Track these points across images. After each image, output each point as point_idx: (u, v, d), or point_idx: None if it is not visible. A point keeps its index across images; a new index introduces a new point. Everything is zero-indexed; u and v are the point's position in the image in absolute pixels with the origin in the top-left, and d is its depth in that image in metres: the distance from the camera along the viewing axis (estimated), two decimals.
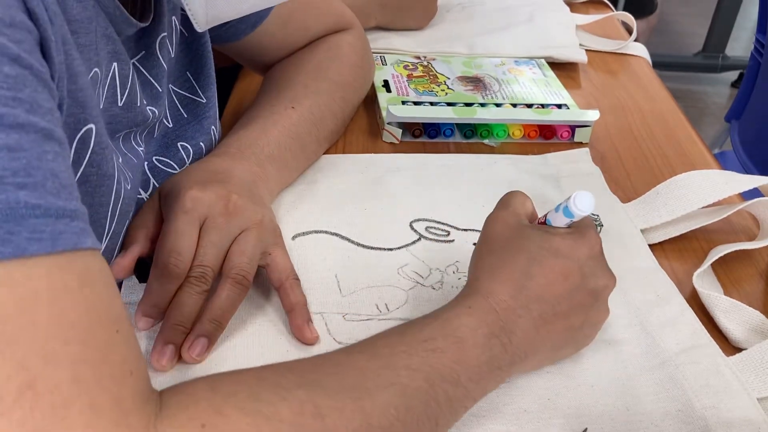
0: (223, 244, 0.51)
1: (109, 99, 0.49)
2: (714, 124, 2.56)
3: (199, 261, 0.50)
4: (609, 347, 0.51)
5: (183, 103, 0.62)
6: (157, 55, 0.56)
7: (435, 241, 0.61)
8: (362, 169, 0.70)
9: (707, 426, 0.45)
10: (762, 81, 1.37)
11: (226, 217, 0.52)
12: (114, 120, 0.50)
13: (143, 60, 0.55)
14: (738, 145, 1.41)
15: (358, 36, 0.79)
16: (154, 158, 0.59)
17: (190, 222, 0.51)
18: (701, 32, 2.96)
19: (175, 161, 0.60)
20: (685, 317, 0.54)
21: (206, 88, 0.63)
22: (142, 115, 0.53)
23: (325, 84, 0.71)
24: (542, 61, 0.92)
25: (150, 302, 0.49)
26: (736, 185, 0.63)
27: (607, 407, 0.47)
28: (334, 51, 0.75)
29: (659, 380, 0.48)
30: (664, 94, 0.92)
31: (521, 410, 0.46)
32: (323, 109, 0.69)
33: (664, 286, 0.57)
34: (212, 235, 0.51)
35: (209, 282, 0.50)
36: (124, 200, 0.50)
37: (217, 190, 0.53)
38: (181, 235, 0.50)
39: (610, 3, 1.19)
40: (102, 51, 0.46)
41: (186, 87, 0.62)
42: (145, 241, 0.52)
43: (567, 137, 0.78)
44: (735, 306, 0.54)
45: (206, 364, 0.49)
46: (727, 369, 0.49)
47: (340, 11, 0.79)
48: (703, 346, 0.51)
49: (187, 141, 0.62)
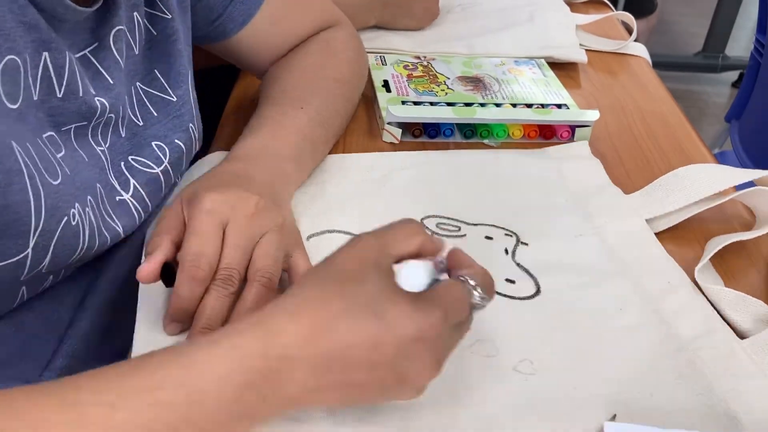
0: (248, 246, 0.51)
1: (44, 90, 0.48)
2: (714, 124, 2.56)
3: (225, 264, 0.49)
4: (626, 334, 0.52)
5: (152, 101, 0.61)
6: (110, 47, 0.54)
7: (447, 237, 0.61)
8: (368, 169, 0.70)
9: (729, 409, 0.46)
10: (762, 81, 1.37)
11: (249, 219, 0.51)
12: (55, 112, 0.49)
13: (95, 51, 0.54)
14: (738, 145, 1.41)
15: (348, 31, 0.80)
16: (130, 158, 0.58)
17: (213, 224, 0.50)
18: (701, 32, 2.97)
19: (151, 160, 0.60)
20: (697, 303, 0.55)
21: (177, 86, 0.63)
22: (87, 106, 0.51)
23: (326, 83, 0.71)
24: (542, 61, 0.93)
25: (178, 306, 0.49)
26: (734, 177, 0.64)
27: (632, 393, 0.47)
28: (329, 49, 0.75)
29: (678, 365, 0.49)
30: (664, 94, 0.92)
31: (550, 400, 0.46)
32: (330, 108, 0.70)
33: (674, 274, 0.57)
34: (236, 237, 0.50)
35: (236, 284, 0.49)
36: (51, 195, 0.47)
37: (238, 193, 0.52)
38: (205, 237, 0.50)
39: (610, 3, 1.19)
40: (19, 39, 0.45)
41: (154, 85, 0.62)
42: (170, 245, 0.51)
43: (567, 137, 0.78)
44: (739, 298, 0.54)
45: None
46: (742, 352, 0.50)
47: (327, 7, 0.79)
48: (717, 330, 0.52)
49: (161, 140, 0.61)
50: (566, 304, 0.55)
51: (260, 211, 0.52)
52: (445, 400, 0.46)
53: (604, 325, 0.53)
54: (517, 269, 0.58)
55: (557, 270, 0.58)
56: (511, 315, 0.53)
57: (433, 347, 0.40)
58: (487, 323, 0.52)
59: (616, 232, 0.62)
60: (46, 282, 0.53)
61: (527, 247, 0.60)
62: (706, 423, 0.45)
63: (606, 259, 0.59)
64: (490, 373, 0.48)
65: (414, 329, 0.39)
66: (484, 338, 0.51)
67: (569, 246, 0.61)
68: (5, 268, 0.46)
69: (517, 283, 0.56)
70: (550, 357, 0.50)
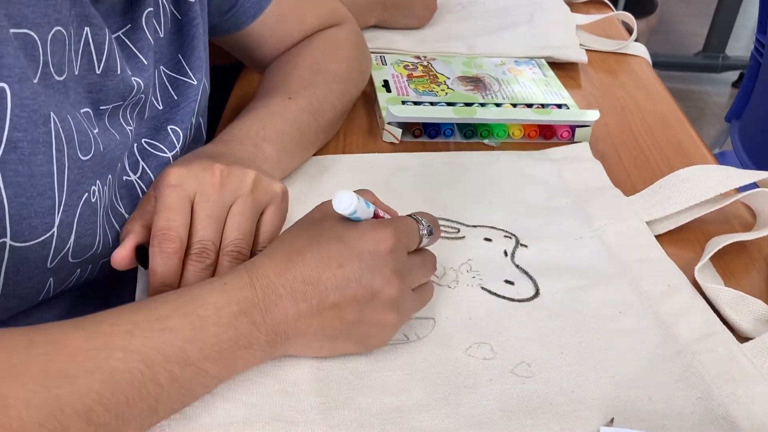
0: (220, 214, 0.51)
1: (84, 66, 0.48)
2: (714, 124, 2.56)
3: (198, 237, 0.50)
4: (625, 337, 0.51)
5: (174, 84, 0.62)
6: (143, 29, 0.55)
7: (446, 238, 0.61)
8: (367, 169, 0.70)
9: (728, 413, 0.46)
10: (762, 81, 1.37)
11: (216, 188, 0.51)
12: (94, 89, 0.50)
13: (128, 33, 0.55)
14: (738, 145, 1.41)
15: (352, 30, 0.80)
16: (143, 140, 0.59)
17: (179, 197, 0.50)
18: (701, 32, 2.97)
19: (165, 144, 0.60)
20: (697, 306, 0.54)
21: (197, 69, 0.63)
22: (125, 84, 0.52)
23: (322, 76, 0.71)
24: (542, 61, 0.92)
25: (158, 281, 0.49)
26: (736, 179, 0.64)
27: (630, 397, 0.47)
28: (330, 45, 0.75)
29: (677, 369, 0.49)
30: (664, 94, 0.92)
31: (547, 403, 0.46)
32: (321, 99, 0.69)
33: (674, 276, 0.57)
34: (205, 208, 0.50)
35: (212, 256, 0.50)
36: (74, 170, 0.48)
37: (203, 164, 0.52)
38: (173, 211, 0.49)
39: (610, 3, 1.19)
40: (64, 11, 0.45)
41: (177, 69, 0.62)
42: (141, 229, 0.52)
43: (567, 137, 0.78)
44: (739, 297, 0.54)
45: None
46: (742, 356, 0.50)
47: (334, 6, 0.79)
48: (716, 333, 0.52)
49: (176, 124, 0.61)
50: (565, 306, 0.54)
51: (226, 177, 0.52)
52: (442, 402, 0.46)
53: (603, 328, 0.52)
54: (517, 271, 0.58)
55: (556, 272, 0.58)
56: (510, 317, 0.53)
57: (390, 260, 0.46)
58: (486, 325, 0.52)
59: (617, 234, 0.62)
60: (73, 276, 0.53)
61: (526, 248, 0.60)
62: (705, 427, 0.45)
63: (606, 262, 0.59)
64: (487, 375, 0.48)
65: (370, 244, 0.45)
66: (482, 341, 0.51)
67: (569, 248, 0.60)
68: (32, 249, 0.46)
69: (516, 285, 0.56)
70: (548, 359, 0.49)
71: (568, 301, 0.55)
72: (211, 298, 0.43)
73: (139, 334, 0.40)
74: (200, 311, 0.42)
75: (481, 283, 0.56)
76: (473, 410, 0.46)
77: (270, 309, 0.44)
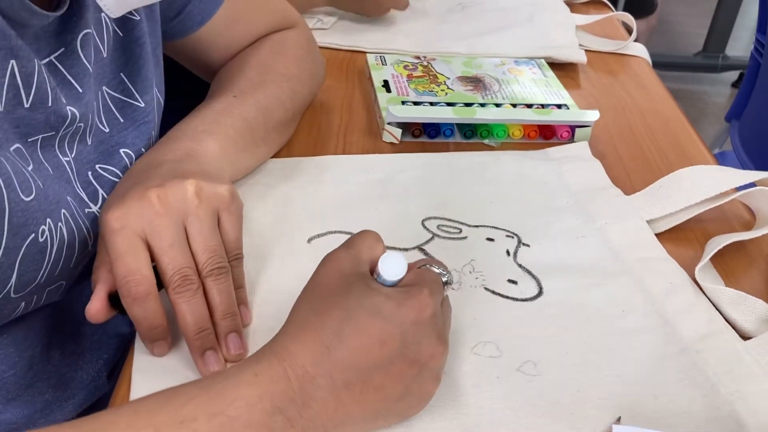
0: (179, 239, 0.48)
1: (11, 100, 0.45)
2: (714, 124, 2.56)
3: (172, 269, 0.47)
4: (630, 336, 0.52)
5: (119, 106, 0.58)
6: (78, 53, 0.52)
7: (448, 238, 0.61)
8: (367, 169, 0.70)
9: (734, 411, 0.46)
10: (762, 81, 1.37)
11: (162, 215, 0.48)
12: (22, 123, 0.47)
13: (62, 57, 0.51)
14: (738, 145, 1.41)
15: (302, 32, 0.79)
16: (97, 166, 0.56)
17: (127, 240, 0.47)
18: (701, 32, 2.97)
19: (119, 168, 0.57)
20: (700, 304, 0.54)
21: (144, 91, 0.60)
22: (57, 116, 0.49)
23: (270, 76, 0.69)
24: (542, 61, 0.92)
25: (144, 329, 0.47)
26: (736, 179, 0.64)
27: (636, 396, 0.47)
28: (280, 47, 0.74)
29: (682, 367, 0.49)
30: (664, 94, 0.92)
31: (554, 402, 0.46)
32: (270, 97, 0.67)
33: (677, 275, 0.57)
34: (163, 240, 0.47)
35: (195, 279, 0.47)
36: (17, 213, 0.45)
37: (135, 195, 0.48)
38: (125, 254, 0.46)
39: (610, 3, 1.19)
40: None
41: (120, 90, 0.59)
42: (108, 275, 0.48)
43: (567, 137, 0.78)
44: (740, 297, 0.54)
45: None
46: (746, 354, 0.50)
47: (285, 9, 0.78)
48: (720, 331, 0.52)
49: (128, 147, 0.59)
50: (569, 305, 0.54)
51: (164, 200, 0.48)
52: (449, 401, 0.46)
53: (608, 327, 0.52)
54: (519, 270, 0.58)
55: (559, 271, 0.58)
56: (514, 316, 0.53)
57: (432, 324, 0.42)
58: (490, 324, 0.52)
59: (618, 233, 0.62)
60: (18, 310, 0.51)
61: (529, 248, 0.60)
62: (711, 425, 0.45)
63: (608, 260, 0.59)
64: (494, 373, 0.48)
65: (412, 313, 0.41)
66: (488, 339, 0.51)
67: (571, 247, 0.60)
68: None
69: (519, 285, 0.56)
70: (553, 358, 0.50)
71: (572, 300, 0.55)
72: (241, 393, 0.38)
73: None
74: (230, 411, 0.37)
75: (484, 284, 0.56)
76: (481, 408, 0.46)
77: (307, 404, 0.39)
